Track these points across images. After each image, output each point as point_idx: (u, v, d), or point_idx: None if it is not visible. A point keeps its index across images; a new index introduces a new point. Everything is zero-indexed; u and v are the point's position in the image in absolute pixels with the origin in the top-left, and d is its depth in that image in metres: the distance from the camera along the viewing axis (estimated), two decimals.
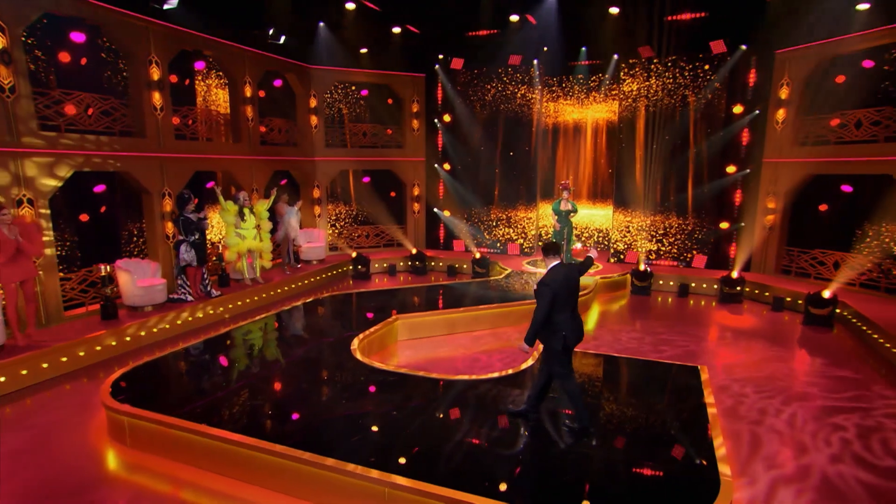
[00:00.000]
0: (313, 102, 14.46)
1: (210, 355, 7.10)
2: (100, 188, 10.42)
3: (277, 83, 14.12)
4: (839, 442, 5.51)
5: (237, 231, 10.61)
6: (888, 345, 8.18)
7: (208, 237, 11.71)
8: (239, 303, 10.26)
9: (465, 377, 6.40)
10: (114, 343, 7.83)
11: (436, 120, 15.54)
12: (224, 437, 4.63)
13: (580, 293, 10.04)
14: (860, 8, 10.56)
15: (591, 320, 10.13)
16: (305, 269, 12.97)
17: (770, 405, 6.34)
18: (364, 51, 14.69)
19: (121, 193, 10.89)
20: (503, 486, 4.04)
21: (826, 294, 9.50)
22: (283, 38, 12.32)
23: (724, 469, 4.32)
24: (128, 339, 8.05)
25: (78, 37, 9.42)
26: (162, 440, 4.92)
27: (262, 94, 13.61)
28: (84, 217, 10.24)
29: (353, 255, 13.82)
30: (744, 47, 12.05)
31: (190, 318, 9.10)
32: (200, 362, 6.91)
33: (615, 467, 4.46)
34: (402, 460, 4.35)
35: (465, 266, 14.24)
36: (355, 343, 7.29)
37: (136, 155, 9.51)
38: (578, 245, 15.84)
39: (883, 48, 10.48)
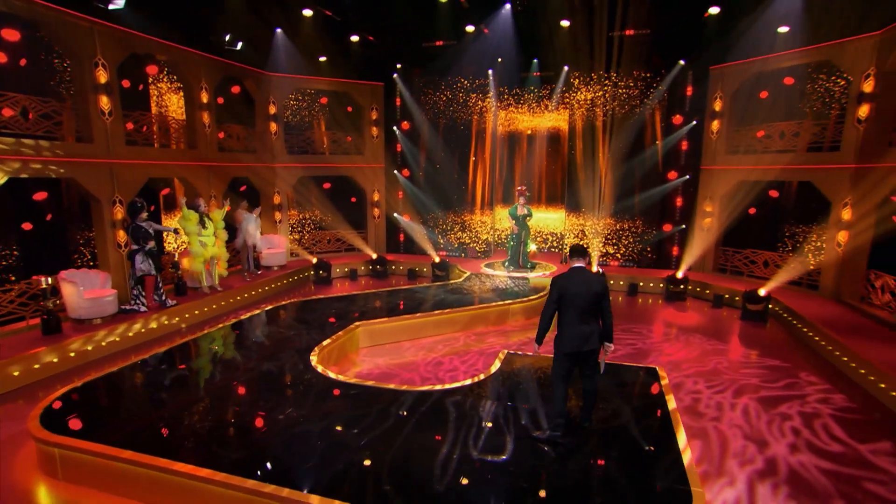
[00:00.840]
0: (272, 109, 13.65)
1: (160, 371, 6.33)
2: (42, 195, 9.35)
3: (235, 89, 13.23)
4: (790, 431, 5.48)
5: (200, 239, 9.76)
6: (817, 337, 8.30)
7: (169, 244, 10.82)
8: (196, 312, 9.43)
9: (433, 387, 5.93)
10: (55, 360, 6.92)
11: (395, 127, 15.02)
12: (171, 469, 3.98)
13: (535, 296, 9.87)
14: (781, 30, 10.84)
15: None
16: (266, 275, 12.17)
17: (724, 400, 6.23)
18: (323, 59, 14.01)
19: (68, 201, 9.84)
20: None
21: (762, 292, 9.61)
22: (240, 45, 11.50)
23: (696, 481, 4.02)
24: (72, 354, 7.15)
25: (14, 35, 8.39)
26: (98, 472, 4.22)
27: (220, 100, 12.73)
28: (28, 226, 9.16)
29: (314, 260, 13.10)
30: (682, 62, 12.17)
31: (143, 330, 8.22)
32: (149, 380, 6.11)
33: (584, 480, 4.12)
34: (378, 491, 3.85)
35: (424, 269, 13.78)
36: (315, 354, 6.70)
37: (83, 161, 8.55)
38: (533, 247, 15.81)
39: (801, 67, 10.77)
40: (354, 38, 12.91)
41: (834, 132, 10.40)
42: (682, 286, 11.39)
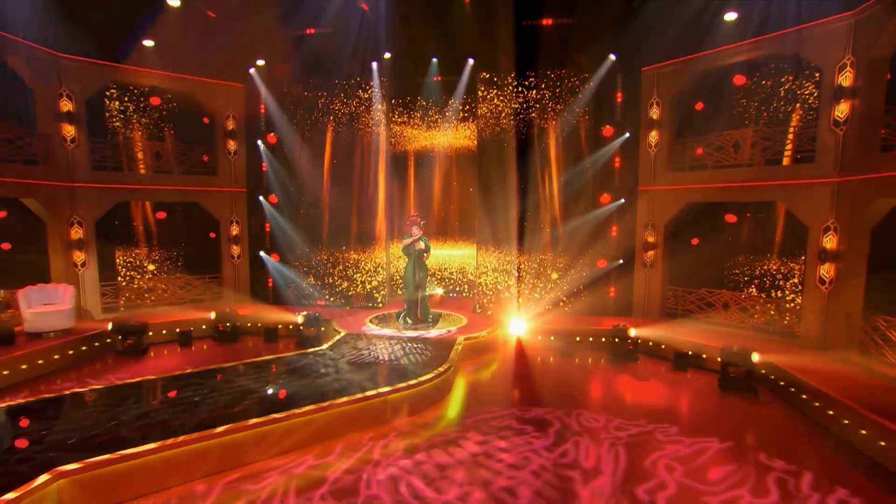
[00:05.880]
0: (67, 106, 9.14)
1: None
2: None
3: None
4: None
5: None
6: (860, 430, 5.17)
7: None
8: None
9: None
10: None
11: (259, 141, 10.99)
12: None
13: (428, 376, 5.85)
14: (728, 19, 8.42)
15: (453, 407, 6.08)
16: (28, 347, 7.36)
17: None
18: (150, 43, 9.82)
19: None
20: None
21: (755, 358, 6.44)
22: None
23: None
24: None
25: None
26: None
27: None
28: None
29: (109, 325, 8.41)
30: (613, 57, 9.41)
31: None
32: None
33: None
34: None
35: (291, 327, 9.53)
36: None
37: None
38: (439, 291, 12.15)
39: (755, 62, 8.33)
40: (174, 3, 8.79)
41: (801, 139, 7.91)
42: (629, 341, 8.11)
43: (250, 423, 4.60)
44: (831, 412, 5.38)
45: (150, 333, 8.94)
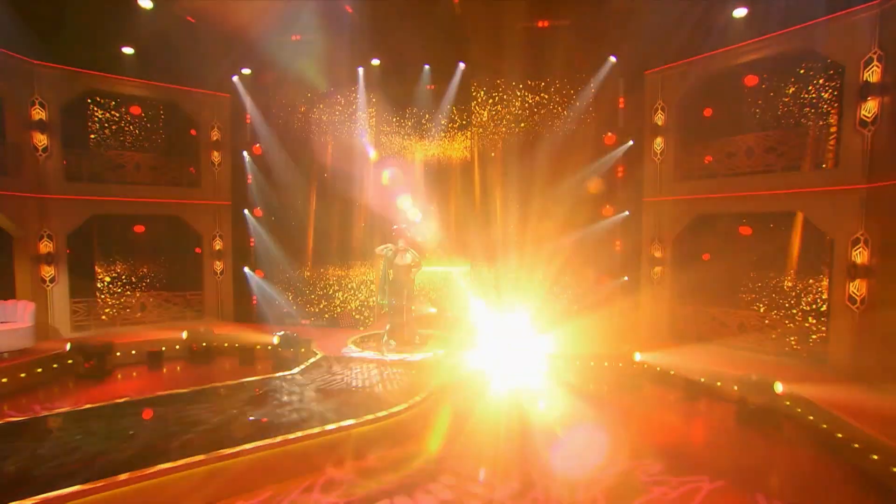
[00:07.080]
0: (40, 114, 8.72)
1: None
2: None
3: None
4: None
5: None
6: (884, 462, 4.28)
7: None
8: None
9: None
10: None
11: (244, 152, 10.48)
12: None
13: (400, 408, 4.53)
14: (737, 15, 7.77)
15: (430, 442, 5.28)
16: None
17: None
18: (129, 51, 9.44)
19: None
20: None
21: (778, 388, 5.56)
22: None
23: None
24: None
25: None
26: None
27: None
28: None
29: (67, 346, 7.77)
30: (613, 59, 8.78)
31: None
32: None
33: None
34: None
35: (270, 347, 8.81)
36: None
37: None
38: (433, 311, 11.37)
39: (767, 61, 7.63)
40: (146, 5, 8.32)
41: (822, 142, 7.16)
42: (634, 366, 7.23)
43: (178, 464, 3.86)
44: (876, 456, 4.49)
45: (118, 354, 8.32)
